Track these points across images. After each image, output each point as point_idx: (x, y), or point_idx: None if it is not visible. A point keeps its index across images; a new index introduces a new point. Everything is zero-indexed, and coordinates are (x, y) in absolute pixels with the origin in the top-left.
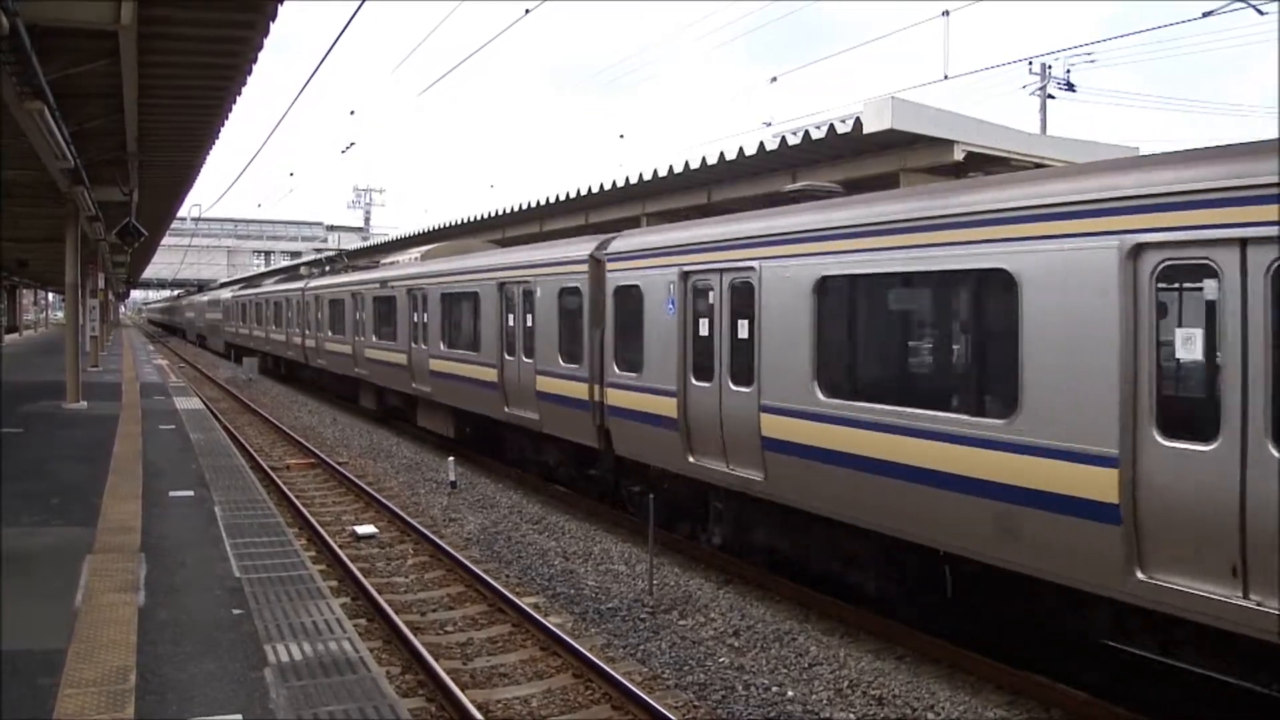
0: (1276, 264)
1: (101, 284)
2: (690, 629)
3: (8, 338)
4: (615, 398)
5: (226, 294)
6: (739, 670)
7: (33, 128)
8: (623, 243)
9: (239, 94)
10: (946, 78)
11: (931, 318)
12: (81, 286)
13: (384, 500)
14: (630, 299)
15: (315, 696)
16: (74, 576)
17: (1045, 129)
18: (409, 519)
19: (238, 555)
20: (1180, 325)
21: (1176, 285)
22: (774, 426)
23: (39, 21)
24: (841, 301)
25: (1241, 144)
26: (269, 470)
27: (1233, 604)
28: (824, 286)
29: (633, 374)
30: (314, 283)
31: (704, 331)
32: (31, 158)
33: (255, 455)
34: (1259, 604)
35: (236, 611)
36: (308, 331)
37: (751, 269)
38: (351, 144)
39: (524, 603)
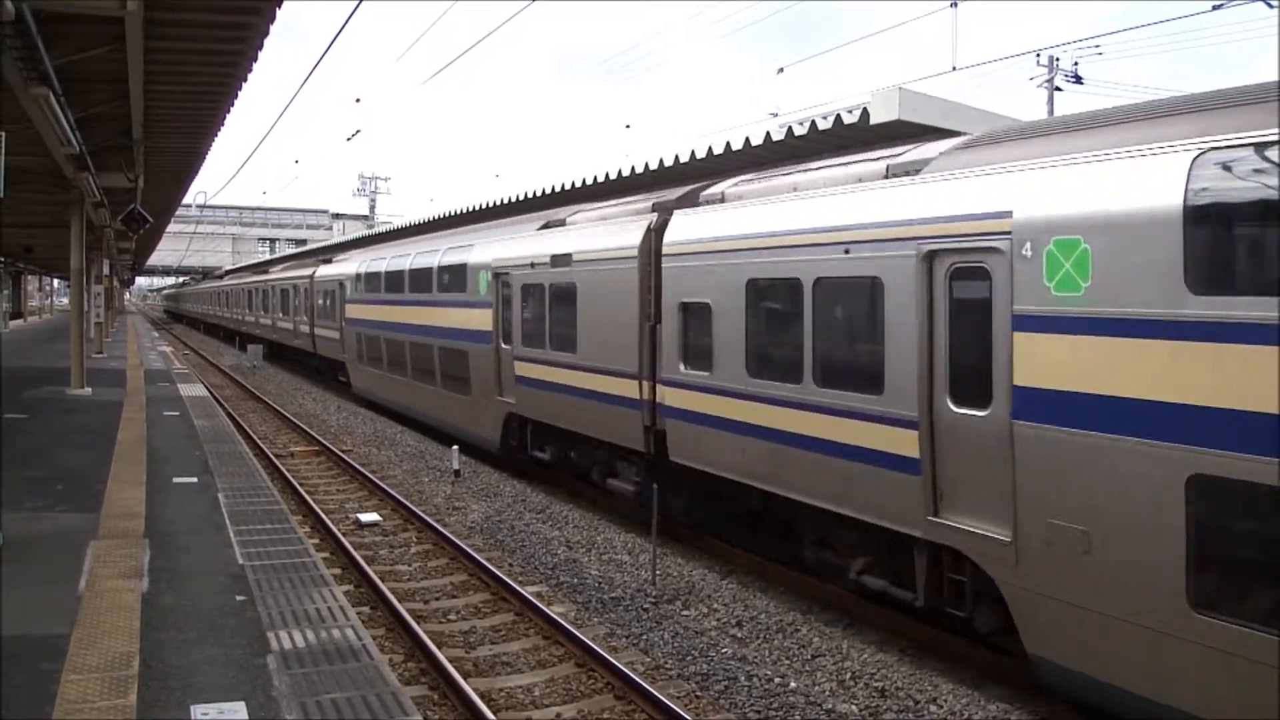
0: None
1: (106, 270)
2: (693, 619)
3: (12, 323)
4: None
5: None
6: (741, 661)
7: (38, 113)
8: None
9: (245, 80)
10: (955, 69)
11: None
12: (86, 273)
13: (387, 488)
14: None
15: (318, 684)
16: (78, 562)
17: None
18: (412, 507)
19: (241, 542)
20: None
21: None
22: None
23: (45, 7)
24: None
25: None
26: (273, 457)
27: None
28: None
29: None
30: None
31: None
32: (37, 143)
33: (259, 442)
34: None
35: (240, 598)
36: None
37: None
38: (357, 131)
39: (527, 592)
